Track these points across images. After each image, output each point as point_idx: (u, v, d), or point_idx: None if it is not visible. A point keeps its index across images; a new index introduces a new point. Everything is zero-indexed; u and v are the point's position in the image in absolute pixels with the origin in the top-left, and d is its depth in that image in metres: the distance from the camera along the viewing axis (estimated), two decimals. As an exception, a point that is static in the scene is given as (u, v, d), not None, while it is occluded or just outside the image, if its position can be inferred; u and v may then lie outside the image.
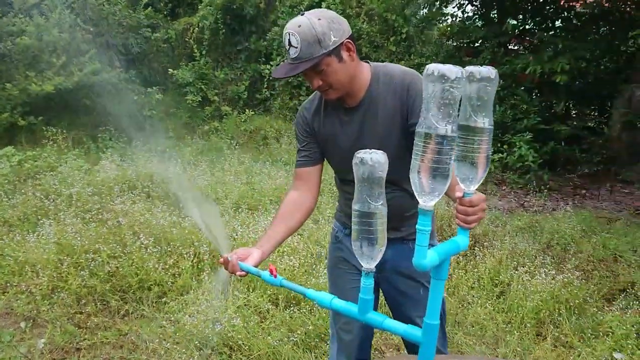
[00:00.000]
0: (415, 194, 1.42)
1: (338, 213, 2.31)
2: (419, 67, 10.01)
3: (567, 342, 3.35)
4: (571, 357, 3.22)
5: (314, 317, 3.25)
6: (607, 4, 9.58)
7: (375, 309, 2.32)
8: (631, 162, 8.56)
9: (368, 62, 2.04)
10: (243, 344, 2.97)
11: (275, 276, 1.83)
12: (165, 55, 10.33)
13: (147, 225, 4.22)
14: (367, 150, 1.53)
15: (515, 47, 10.38)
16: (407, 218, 2.12)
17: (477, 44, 10.76)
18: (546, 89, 9.22)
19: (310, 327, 3.12)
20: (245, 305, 3.37)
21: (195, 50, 9.80)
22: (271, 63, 9.73)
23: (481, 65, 1.54)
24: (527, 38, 10.48)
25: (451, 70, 1.33)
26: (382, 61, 9.48)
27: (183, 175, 6.05)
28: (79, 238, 3.94)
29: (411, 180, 1.40)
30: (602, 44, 9.25)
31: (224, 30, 10.00)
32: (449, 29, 10.50)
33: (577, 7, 10.11)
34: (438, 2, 11.21)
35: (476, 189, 1.52)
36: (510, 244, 4.64)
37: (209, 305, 3.31)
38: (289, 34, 1.82)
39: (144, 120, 8.93)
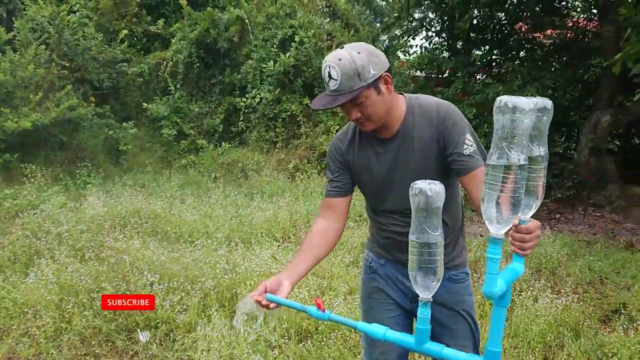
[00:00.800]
0: (487, 222, 1.45)
1: (371, 243, 2.33)
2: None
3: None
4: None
5: (329, 349, 3.23)
6: (569, 35, 10.01)
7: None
8: (599, 186, 8.85)
9: (403, 94, 2.09)
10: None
11: (324, 310, 1.83)
12: (138, 89, 10.26)
13: (149, 261, 4.15)
14: (424, 180, 1.57)
15: (482, 77, 10.69)
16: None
17: (444, 75, 11.05)
18: (516, 117, 9.50)
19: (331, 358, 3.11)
20: (257, 340, 3.33)
21: (170, 84, 9.78)
22: (246, 96, 9.77)
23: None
24: (494, 68, 10.83)
25: (524, 102, 1.39)
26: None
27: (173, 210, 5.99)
28: (79, 277, 3.84)
29: (484, 210, 1.43)
30: (567, 72, 9.61)
31: (197, 64, 10.02)
32: (419, 60, 10.76)
33: (539, 38, 10.52)
34: (406, 35, 11.54)
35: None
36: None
37: (222, 341, 3.26)
38: (329, 67, 1.86)
39: (120, 155, 8.83)
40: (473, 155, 1.98)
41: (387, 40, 12.89)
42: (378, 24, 13.13)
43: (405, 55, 12.03)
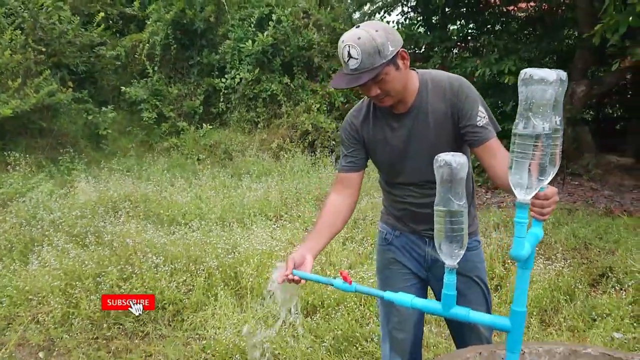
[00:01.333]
0: (514, 189, 1.52)
1: (385, 216, 2.40)
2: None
3: (572, 326, 3.56)
4: (578, 341, 3.42)
5: (338, 322, 3.31)
6: (543, 7, 10.12)
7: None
8: (576, 156, 9.06)
9: (414, 70, 2.14)
10: (279, 353, 3.01)
11: (351, 282, 1.89)
12: (114, 73, 10.12)
13: (149, 244, 4.17)
14: (448, 153, 1.63)
15: (459, 52, 10.77)
16: (453, 217, 2.23)
17: (422, 50, 11.10)
18: (494, 90, 9.63)
19: (339, 332, 3.19)
20: (265, 316, 3.40)
21: (148, 67, 9.66)
22: (226, 76, 9.71)
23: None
24: (470, 42, 10.92)
25: (548, 73, 1.46)
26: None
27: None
28: (82, 262, 3.86)
29: (512, 178, 1.51)
30: (542, 44, 9.73)
31: (175, 46, 9.90)
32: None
33: (514, 11, 10.63)
34: (382, 11, 11.54)
35: None
36: (496, 239, 4.86)
37: (231, 318, 3.33)
38: (349, 46, 1.91)
39: (100, 140, 8.74)
40: (486, 127, 2.05)
41: (361, 17, 12.83)
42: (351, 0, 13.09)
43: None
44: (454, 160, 1.62)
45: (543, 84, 1.45)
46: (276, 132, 9.35)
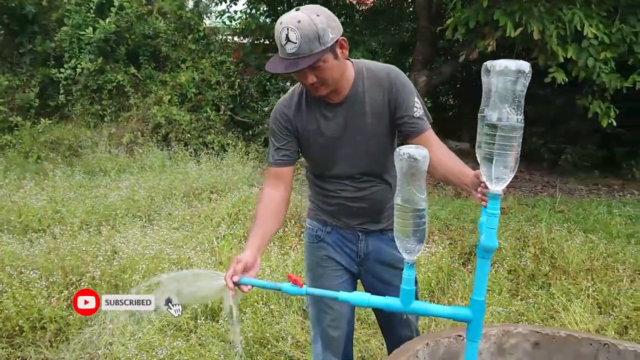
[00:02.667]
0: (487, 181, 1.54)
1: (314, 212, 2.31)
2: (222, 65, 10.01)
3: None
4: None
5: (246, 324, 3.16)
6: (385, 2, 10.61)
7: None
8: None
9: (348, 59, 2.07)
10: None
11: (302, 285, 1.79)
12: None
13: (15, 256, 3.65)
14: (409, 146, 1.60)
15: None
16: (387, 209, 2.22)
17: (272, 40, 11.08)
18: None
19: (250, 335, 3.04)
20: (164, 325, 3.14)
21: (-29, 56, 8.56)
22: (64, 66, 8.89)
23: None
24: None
25: (524, 64, 1.47)
26: (184, 60, 9.23)
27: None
28: None
29: (494, 169, 1.49)
30: (386, 36, 10.19)
31: (1, 32, 8.86)
32: (243, 26, 10.63)
33: (358, 4, 11.01)
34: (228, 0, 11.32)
35: None
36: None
37: (124, 332, 3.02)
38: (287, 29, 1.80)
39: None
40: (422, 118, 2.05)
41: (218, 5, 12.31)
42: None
43: (231, 22, 11.76)
44: (418, 153, 1.58)
45: (519, 75, 1.46)
46: (126, 125, 8.78)
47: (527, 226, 5.44)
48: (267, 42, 10.95)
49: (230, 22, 11.18)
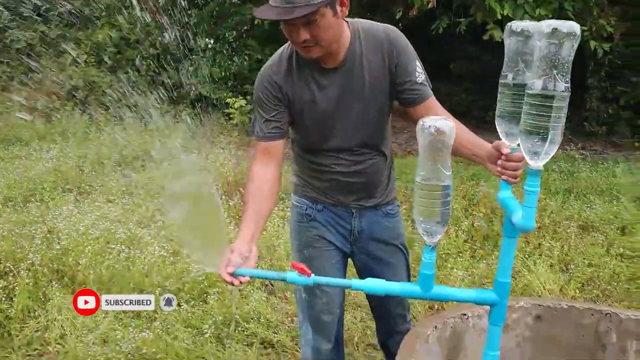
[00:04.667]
0: (527, 157, 1.40)
1: (302, 189, 2.10)
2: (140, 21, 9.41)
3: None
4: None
5: (212, 308, 2.93)
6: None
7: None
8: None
9: (345, 20, 1.85)
10: (160, 358, 2.53)
11: (310, 274, 1.61)
12: None
13: None
14: (433, 118, 1.46)
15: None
16: (381, 182, 2.08)
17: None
18: (273, 39, 9.54)
19: (219, 318, 2.82)
20: (123, 313, 2.86)
21: None
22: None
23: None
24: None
25: (575, 26, 1.32)
26: (99, 16, 8.52)
27: None
28: None
29: (529, 143, 1.36)
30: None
31: None
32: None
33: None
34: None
35: None
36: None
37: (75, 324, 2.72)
38: None
39: None
40: (425, 83, 1.89)
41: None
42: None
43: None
44: (446, 125, 1.44)
45: (571, 37, 1.30)
46: (39, 89, 8.08)
47: (470, 186, 5.46)
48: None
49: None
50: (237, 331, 2.80)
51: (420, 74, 1.88)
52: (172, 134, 6.89)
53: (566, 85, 1.30)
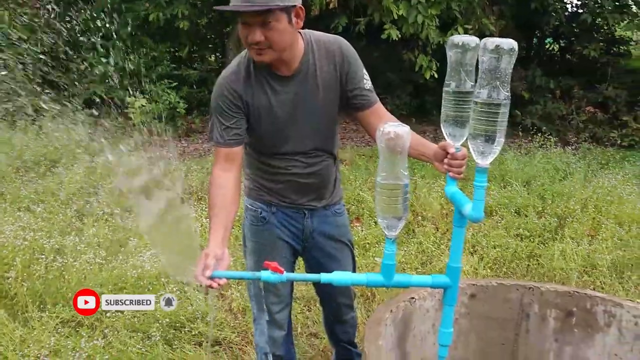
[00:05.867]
0: (475, 156, 1.61)
1: (256, 192, 2.21)
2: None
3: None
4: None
5: (155, 312, 2.95)
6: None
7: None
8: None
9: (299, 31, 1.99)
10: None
11: (282, 272, 1.74)
12: None
13: None
14: (391, 124, 1.62)
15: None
16: (331, 184, 2.24)
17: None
18: (169, 35, 9.38)
19: (166, 321, 2.85)
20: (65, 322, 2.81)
21: None
22: None
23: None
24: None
25: (513, 43, 1.52)
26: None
27: None
28: None
29: (474, 145, 1.56)
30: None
31: None
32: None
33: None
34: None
35: None
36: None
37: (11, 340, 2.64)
38: None
39: None
40: (372, 90, 2.08)
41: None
42: None
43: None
44: (403, 130, 1.61)
45: (511, 53, 1.50)
46: None
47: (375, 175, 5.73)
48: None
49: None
50: (183, 332, 2.86)
51: (367, 81, 2.06)
52: (71, 136, 6.63)
53: (507, 94, 1.50)
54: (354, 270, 2.41)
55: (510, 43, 1.48)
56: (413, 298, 2.17)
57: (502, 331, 2.30)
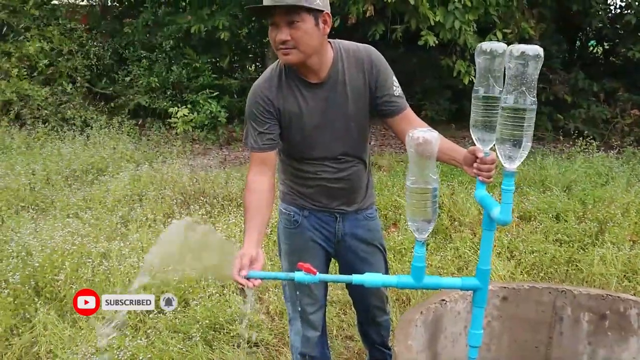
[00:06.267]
0: (503, 161, 1.63)
1: (290, 196, 2.29)
2: (73, 32, 9.27)
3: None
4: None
5: (196, 312, 3.07)
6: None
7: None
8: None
9: (328, 40, 2.06)
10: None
11: (315, 273, 1.80)
12: None
13: None
14: (420, 129, 1.66)
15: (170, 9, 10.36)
16: (362, 188, 2.29)
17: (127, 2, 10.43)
18: (210, 46, 9.60)
19: (206, 322, 2.96)
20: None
21: None
22: None
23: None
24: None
25: (539, 49, 1.55)
26: (28, 28, 8.35)
27: None
28: None
29: (501, 149, 1.58)
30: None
31: None
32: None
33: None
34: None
35: None
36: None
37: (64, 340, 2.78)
38: None
39: None
40: (401, 96, 2.13)
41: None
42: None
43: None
44: (431, 136, 1.64)
45: (537, 59, 1.53)
46: (-31, 105, 7.84)
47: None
48: (119, 5, 10.29)
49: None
50: (222, 333, 2.95)
51: (397, 88, 2.11)
52: (117, 145, 6.88)
53: (533, 99, 1.53)
54: (386, 274, 2.46)
55: (535, 49, 1.51)
56: (444, 300, 2.20)
57: (535, 334, 2.31)
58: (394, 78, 2.11)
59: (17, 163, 5.78)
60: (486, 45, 1.68)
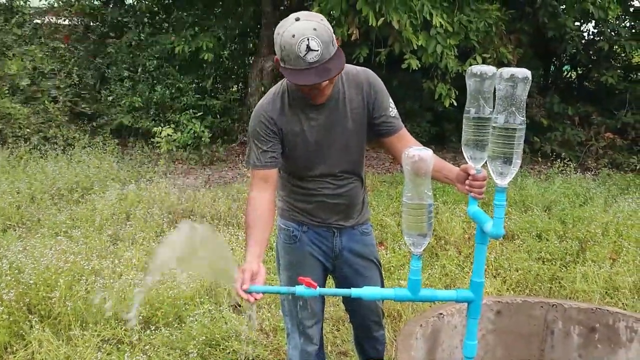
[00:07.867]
0: (495, 177, 1.73)
1: (289, 212, 2.36)
2: (55, 51, 9.27)
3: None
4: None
5: (191, 328, 3.09)
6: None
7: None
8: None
9: None
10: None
11: (316, 287, 1.85)
12: None
13: None
14: (415, 148, 1.74)
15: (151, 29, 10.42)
16: (359, 204, 2.38)
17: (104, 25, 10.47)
18: (194, 67, 9.67)
19: (202, 339, 2.99)
20: (106, 340, 2.95)
21: None
22: None
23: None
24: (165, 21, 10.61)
25: (527, 72, 1.64)
26: (10, 46, 8.31)
27: None
28: None
29: (493, 166, 1.67)
30: (229, 22, 10.10)
31: None
32: (78, 9, 9.91)
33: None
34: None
35: None
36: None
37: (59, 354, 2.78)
38: (308, 39, 1.85)
39: None
40: (397, 117, 2.23)
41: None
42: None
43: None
44: (426, 154, 1.72)
45: (525, 81, 1.62)
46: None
47: (398, 201, 5.86)
48: (105, 29, 10.32)
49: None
50: (218, 350, 2.98)
51: (393, 109, 2.21)
52: (100, 164, 6.86)
53: (522, 119, 1.62)
54: (382, 287, 2.52)
55: (524, 72, 1.60)
56: (441, 314, 2.27)
57: (528, 346, 2.39)
58: (390, 100, 2.21)
59: (2, 182, 5.74)
60: (477, 68, 1.77)
